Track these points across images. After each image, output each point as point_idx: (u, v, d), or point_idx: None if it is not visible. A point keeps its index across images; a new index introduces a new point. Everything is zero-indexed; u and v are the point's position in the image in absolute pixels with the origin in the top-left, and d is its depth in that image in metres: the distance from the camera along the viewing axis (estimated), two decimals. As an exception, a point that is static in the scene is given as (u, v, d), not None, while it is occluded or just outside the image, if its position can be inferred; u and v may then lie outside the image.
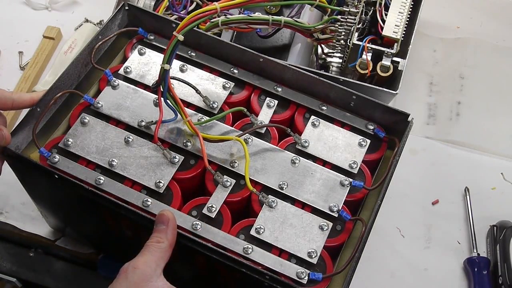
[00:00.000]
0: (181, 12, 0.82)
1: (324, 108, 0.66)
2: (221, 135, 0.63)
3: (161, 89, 0.59)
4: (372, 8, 0.77)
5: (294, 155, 0.62)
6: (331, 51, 0.80)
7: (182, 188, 0.60)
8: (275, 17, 0.74)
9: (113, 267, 0.71)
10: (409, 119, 0.63)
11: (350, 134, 0.65)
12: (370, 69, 0.74)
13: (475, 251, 0.76)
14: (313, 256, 0.57)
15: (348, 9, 0.75)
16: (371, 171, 0.64)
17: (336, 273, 0.56)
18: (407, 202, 0.80)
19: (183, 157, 0.61)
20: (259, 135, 0.64)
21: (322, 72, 0.76)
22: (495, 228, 0.76)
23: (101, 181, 0.59)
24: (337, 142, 0.64)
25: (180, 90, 0.66)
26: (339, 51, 0.78)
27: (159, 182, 0.59)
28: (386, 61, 0.74)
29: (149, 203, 0.58)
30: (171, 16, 0.80)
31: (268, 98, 0.67)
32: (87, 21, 0.92)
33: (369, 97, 0.65)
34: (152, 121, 0.62)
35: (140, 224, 0.56)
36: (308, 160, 0.63)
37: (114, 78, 0.66)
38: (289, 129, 0.64)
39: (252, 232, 0.58)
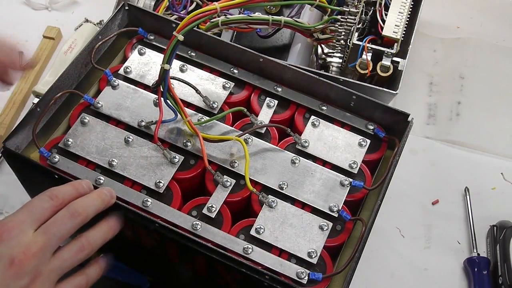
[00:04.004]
0: (181, 12, 0.82)
1: (324, 108, 0.66)
2: (221, 135, 0.63)
3: (161, 89, 0.59)
4: (372, 8, 0.77)
5: (294, 155, 0.62)
6: (331, 51, 0.80)
7: (182, 188, 0.60)
8: (275, 17, 0.74)
9: (113, 267, 0.72)
10: (409, 119, 0.63)
11: (350, 134, 0.65)
12: (370, 69, 0.74)
13: (475, 251, 0.76)
14: (313, 256, 0.57)
15: (348, 9, 0.75)
16: (371, 171, 0.64)
17: (336, 273, 0.56)
18: (407, 202, 0.80)
19: (183, 157, 0.61)
20: (259, 135, 0.64)
21: (322, 72, 0.76)
22: (495, 228, 0.76)
23: (101, 181, 0.59)
24: (337, 142, 0.64)
25: (180, 90, 0.66)
26: (339, 51, 0.78)
27: (159, 182, 0.59)
28: (386, 61, 0.74)
29: (149, 203, 0.58)
30: (171, 16, 0.80)
31: (268, 98, 0.67)
32: (87, 21, 0.92)
33: (369, 97, 0.65)
34: (152, 121, 0.62)
35: (139, 224, 0.56)
36: (308, 160, 0.63)
37: (114, 78, 0.66)
38: (289, 129, 0.64)
39: (252, 232, 0.58)
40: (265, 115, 0.66)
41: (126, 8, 0.70)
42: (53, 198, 0.50)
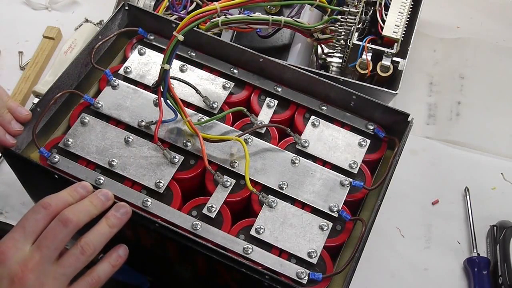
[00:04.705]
0: (181, 12, 0.82)
1: (324, 108, 0.66)
2: (221, 135, 0.63)
3: (161, 89, 0.59)
4: (372, 8, 0.77)
5: (294, 155, 0.62)
6: (331, 51, 0.80)
7: (182, 188, 0.60)
8: (275, 17, 0.74)
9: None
10: (409, 119, 0.63)
11: (350, 134, 0.65)
12: (370, 69, 0.74)
13: (475, 251, 0.76)
14: (313, 256, 0.57)
15: (348, 9, 0.75)
16: (371, 171, 0.64)
17: (336, 273, 0.56)
18: (407, 202, 0.80)
19: (183, 157, 0.61)
20: (259, 135, 0.64)
21: (322, 72, 0.76)
22: (495, 228, 0.76)
23: (101, 181, 0.59)
24: (337, 142, 0.64)
25: (180, 90, 0.66)
26: (339, 51, 0.78)
27: (159, 182, 0.59)
28: (386, 61, 0.74)
29: (149, 203, 0.58)
30: (171, 16, 0.80)
31: (268, 98, 0.67)
32: (87, 21, 0.92)
33: (369, 97, 0.65)
34: (152, 121, 0.62)
35: (139, 224, 0.56)
36: (308, 160, 0.63)
37: (114, 78, 0.66)
38: (289, 129, 0.64)
39: (252, 232, 0.58)
40: (265, 115, 0.66)
41: (126, 8, 0.70)
42: (46, 207, 0.51)
